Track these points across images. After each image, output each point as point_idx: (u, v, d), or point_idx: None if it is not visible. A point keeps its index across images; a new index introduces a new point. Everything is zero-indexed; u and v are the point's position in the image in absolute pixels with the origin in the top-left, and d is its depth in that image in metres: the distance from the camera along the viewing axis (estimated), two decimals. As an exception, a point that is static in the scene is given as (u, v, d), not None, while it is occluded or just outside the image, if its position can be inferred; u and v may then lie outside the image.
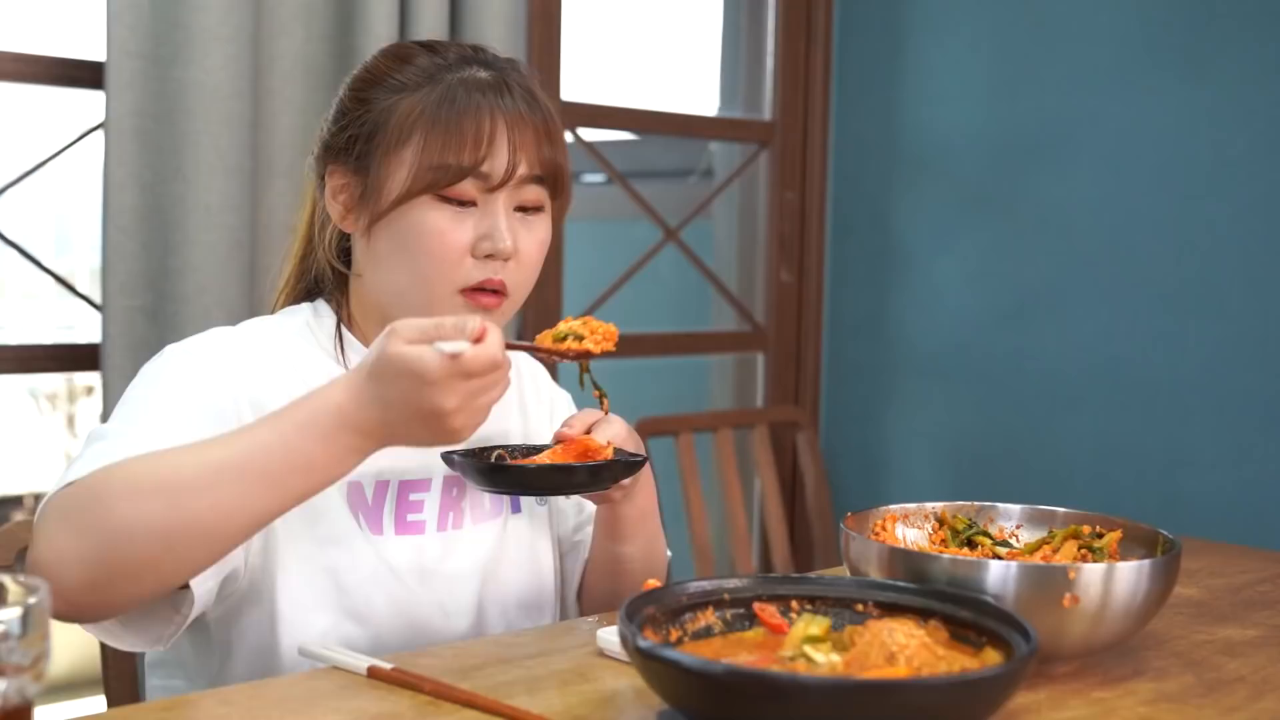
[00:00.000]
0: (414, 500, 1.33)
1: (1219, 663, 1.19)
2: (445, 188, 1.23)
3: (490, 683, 1.08)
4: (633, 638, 0.90)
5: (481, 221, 1.25)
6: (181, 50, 1.99)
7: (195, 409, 1.18)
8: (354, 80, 1.31)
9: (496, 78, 1.27)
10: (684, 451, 2.58)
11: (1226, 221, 2.40)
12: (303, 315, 1.34)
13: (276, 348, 1.29)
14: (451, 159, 1.22)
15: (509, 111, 1.25)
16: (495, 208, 1.25)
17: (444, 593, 1.33)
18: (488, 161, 1.23)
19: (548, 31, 2.55)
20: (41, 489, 3.35)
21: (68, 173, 2.32)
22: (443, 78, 1.26)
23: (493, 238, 1.24)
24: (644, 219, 2.84)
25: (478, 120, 1.23)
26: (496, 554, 1.38)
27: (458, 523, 1.36)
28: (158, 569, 1.04)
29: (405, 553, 1.30)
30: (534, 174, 1.27)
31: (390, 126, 1.25)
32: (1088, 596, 1.08)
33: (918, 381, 2.90)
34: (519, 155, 1.25)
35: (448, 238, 1.24)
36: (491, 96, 1.25)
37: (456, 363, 1.02)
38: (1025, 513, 1.33)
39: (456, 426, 1.06)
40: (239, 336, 1.28)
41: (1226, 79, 2.39)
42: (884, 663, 0.95)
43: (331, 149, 1.30)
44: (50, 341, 2.14)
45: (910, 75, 2.88)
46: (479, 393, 1.05)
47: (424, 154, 1.23)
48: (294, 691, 1.07)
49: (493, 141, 1.23)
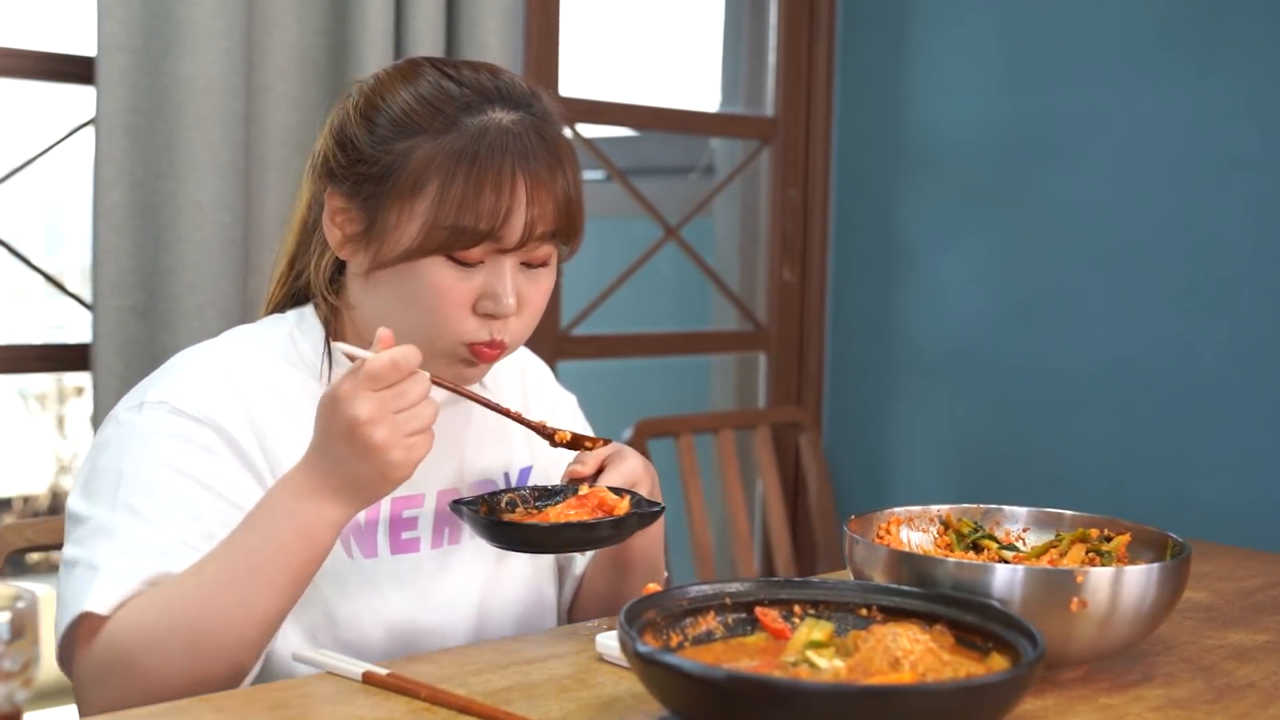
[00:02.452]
0: (408, 517, 1.30)
1: (1229, 668, 1.19)
2: (458, 249, 1.18)
3: (487, 689, 1.08)
4: (632, 643, 0.90)
5: (487, 280, 1.21)
6: (173, 45, 1.98)
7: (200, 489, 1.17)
8: (364, 103, 1.24)
9: (519, 123, 1.20)
10: (685, 453, 2.58)
11: (1237, 219, 2.39)
12: (286, 326, 1.30)
13: (255, 368, 1.25)
14: (468, 221, 1.17)
15: (530, 172, 1.18)
16: (502, 268, 1.21)
17: (441, 614, 1.30)
18: (505, 225, 1.18)
19: (546, 25, 2.54)
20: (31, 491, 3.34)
21: (57, 169, 2.33)
22: (463, 124, 1.19)
23: (496, 298, 1.20)
24: (644, 216, 2.84)
25: (498, 183, 1.17)
26: (496, 568, 1.36)
27: (454, 538, 1.33)
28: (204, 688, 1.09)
29: (401, 573, 1.28)
30: (548, 231, 1.21)
31: (405, 173, 1.19)
32: (1095, 601, 1.07)
33: (922, 382, 2.89)
34: (537, 222, 1.19)
35: (452, 295, 1.20)
36: (514, 153, 1.18)
37: (359, 370, 1.06)
38: (1032, 515, 1.32)
39: (379, 440, 1.06)
40: (215, 368, 1.24)
41: (1237, 73, 2.38)
42: (888, 668, 0.94)
43: (335, 175, 1.24)
44: (40, 341, 2.14)
45: (915, 70, 2.88)
46: (392, 402, 1.07)
47: (440, 211, 1.17)
48: (288, 698, 1.06)
49: (512, 208, 1.18)
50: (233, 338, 1.29)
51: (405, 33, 2.18)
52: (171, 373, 1.23)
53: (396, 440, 1.07)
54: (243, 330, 1.31)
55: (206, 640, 1.08)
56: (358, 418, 1.05)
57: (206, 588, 1.09)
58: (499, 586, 1.35)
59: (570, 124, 2.60)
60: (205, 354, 1.26)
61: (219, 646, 1.08)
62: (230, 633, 1.09)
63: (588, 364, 2.75)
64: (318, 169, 1.27)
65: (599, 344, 2.74)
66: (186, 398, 1.20)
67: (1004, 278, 2.73)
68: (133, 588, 1.11)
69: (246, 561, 1.09)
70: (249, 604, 1.09)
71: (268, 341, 1.28)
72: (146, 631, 1.08)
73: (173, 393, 1.20)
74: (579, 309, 2.69)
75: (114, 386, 1.96)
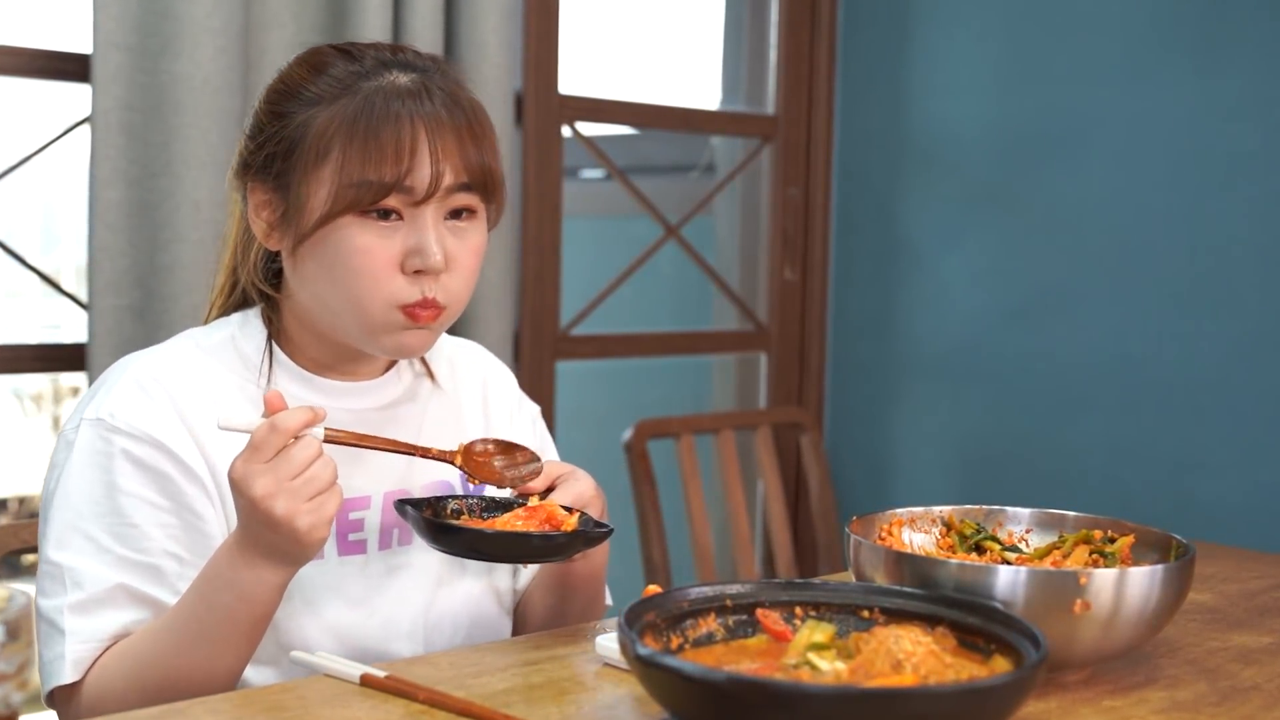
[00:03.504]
0: (354, 519, 1.29)
1: (1233, 670, 1.19)
2: (368, 205, 1.18)
3: (486, 691, 1.07)
4: (633, 645, 0.90)
5: (410, 235, 1.20)
6: (170, 43, 1.98)
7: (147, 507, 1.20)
8: (269, 92, 1.26)
9: (416, 81, 1.21)
10: (685, 454, 2.57)
11: (1242, 218, 2.39)
12: (229, 329, 1.30)
13: (192, 374, 1.26)
14: (372, 175, 1.17)
15: (429, 118, 1.19)
16: (423, 221, 1.20)
17: (387, 618, 1.29)
18: (410, 175, 1.18)
19: (545, 23, 2.53)
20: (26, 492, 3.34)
21: (53, 168, 2.33)
22: (359, 87, 1.20)
23: (422, 253, 1.19)
24: (644, 215, 2.83)
25: (397, 131, 1.18)
26: (449, 566, 1.34)
27: (405, 539, 1.32)
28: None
29: (348, 575, 1.28)
30: (461, 182, 1.21)
31: (308, 143, 1.20)
32: (1099, 603, 1.07)
33: (924, 382, 2.89)
34: (443, 165, 1.19)
35: (375, 255, 1.19)
36: (410, 104, 1.19)
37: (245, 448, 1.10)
38: (1035, 517, 1.32)
39: (281, 513, 1.08)
40: (150, 378, 1.24)
41: (1242, 71, 2.38)
42: (890, 671, 0.94)
43: (250, 165, 1.26)
44: (35, 341, 2.14)
45: (917, 68, 2.88)
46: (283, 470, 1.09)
47: (344, 171, 1.18)
48: (284, 700, 1.06)
49: (414, 153, 1.18)
50: (175, 343, 1.30)
51: (403, 31, 2.18)
52: (109, 385, 1.24)
53: (297, 508, 1.09)
54: (187, 335, 1.31)
55: (175, 694, 1.11)
56: (255, 496, 1.08)
57: (167, 656, 1.14)
58: (450, 592, 1.34)
59: (570, 122, 2.60)
60: (142, 363, 1.26)
61: (193, 696, 1.11)
62: (199, 687, 1.13)
63: (587, 364, 2.75)
64: (236, 170, 1.29)
65: (598, 344, 2.73)
66: (122, 413, 1.21)
67: (1007, 277, 2.73)
68: (96, 649, 1.17)
69: (198, 630, 1.13)
70: (210, 664, 1.14)
71: (208, 345, 1.29)
72: (119, 698, 1.14)
73: (109, 408, 1.21)
74: (578, 309, 2.68)
75: None
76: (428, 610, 1.32)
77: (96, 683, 1.16)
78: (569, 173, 2.75)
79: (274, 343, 1.29)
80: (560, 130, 2.57)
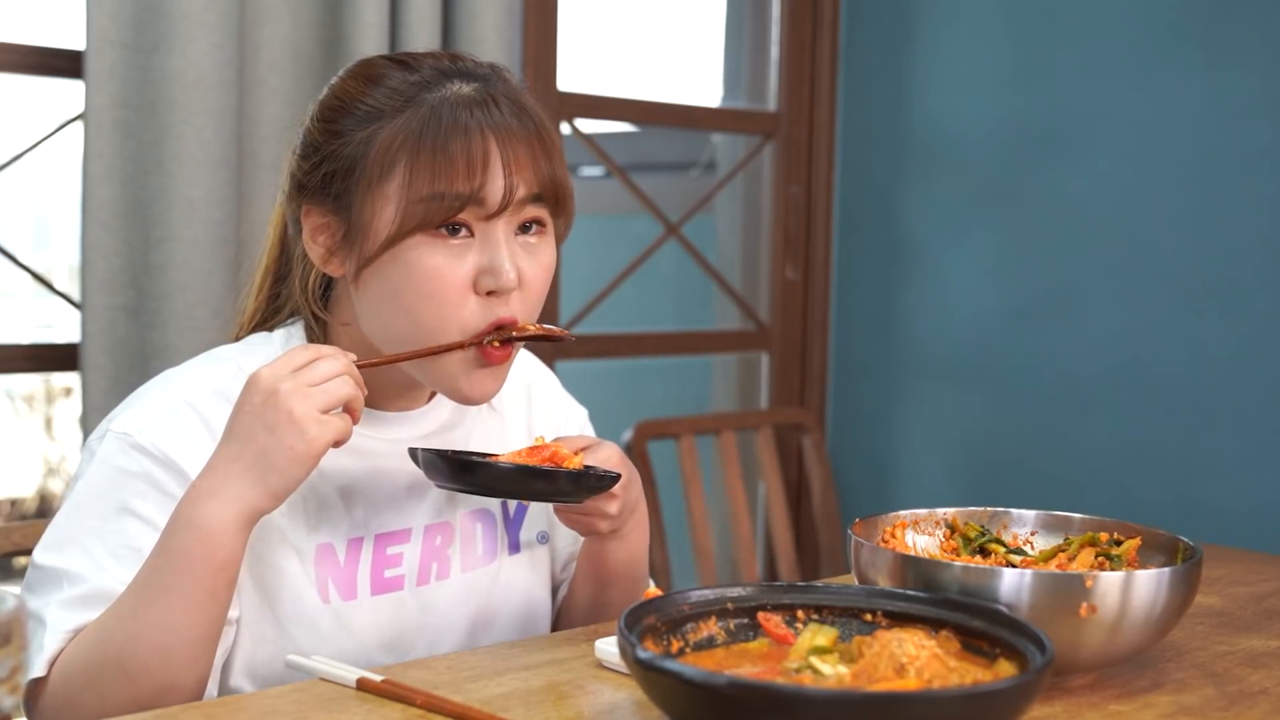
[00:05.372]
0: (391, 554, 1.26)
1: (1241, 674, 1.19)
2: (440, 222, 1.14)
3: (484, 695, 1.07)
4: (632, 649, 0.89)
5: (482, 254, 1.16)
6: (164, 38, 1.97)
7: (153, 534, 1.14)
8: (321, 109, 1.22)
9: (481, 91, 1.17)
10: (686, 455, 2.57)
11: (1250, 216, 2.38)
12: (271, 349, 1.26)
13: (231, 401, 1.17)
14: (443, 188, 1.13)
15: (499, 128, 1.15)
16: (495, 236, 1.16)
17: (421, 654, 1.26)
18: (484, 188, 1.14)
19: (544, 19, 2.53)
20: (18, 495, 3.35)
21: (45, 166, 2.34)
22: (422, 99, 1.16)
23: (495, 271, 1.15)
24: (644, 214, 2.83)
25: (468, 142, 1.14)
26: (487, 605, 1.31)
27: (443, 573, 1.29)
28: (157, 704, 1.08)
29: (381, 614, 1.24)
30: (533, 194, 1.17)
31: (370, 160, 1.16)
32: (1105, 606, 1.07)
33: (928, 382, 2.89)
34: (516, 177, 1.15)
35: (446, 277, 1.15)
36: (479, 114, 1.15)
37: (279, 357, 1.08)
38: (1040, 519, 1.32)
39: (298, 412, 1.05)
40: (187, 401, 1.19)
41: (1251, 66, 2.37)
42: (893, 675, 0.94)
43: (306, 188, 1.21)
44: (27, 341, 2.13)
45: (920, 64, 2.87)
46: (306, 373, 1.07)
47: (411, 187, 1.14)
48: (279, 705, 1.05)
49: (486, 165, 1.14)
50: (216, 366, 1.24)
51: (400, 26, 2.17)
52: (144, 401, 1.20)
53: (311, 412, 1.06)
54: (227, 353, 1.26)
55: (135, 666, 1.07)
56: (277, 390, 1.05)
57: (126, 617, 1.08)
58: (489, 623, 1.31)
59: (569, 119, 2.60)
60: (181, 383, 1.22)
61: (146, 670, 1.06)
62: (156, 655, 1.07)
63: (587, 364, 2.75)
64: (289, 191, 1.24)
65: (598, 343, 2.73)
66: (149, 432, 1.16)
67: (1011, 276, 2.73)
68: (64, 639, 1.11)
69: (157, 583, 1.07)
70: (168, 623, 1.07)
71: (250, 368, 1.23)
72: (82, 672, 1.09)
73: (138, 425, 1.17)
74: (578, 308, 2.68)
75: (103, 387, 1.96)
76: (465, 647, 1.29)
77: (62, 663, 1.11)
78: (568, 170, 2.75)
79: None
80: (559, 127, 2.57)
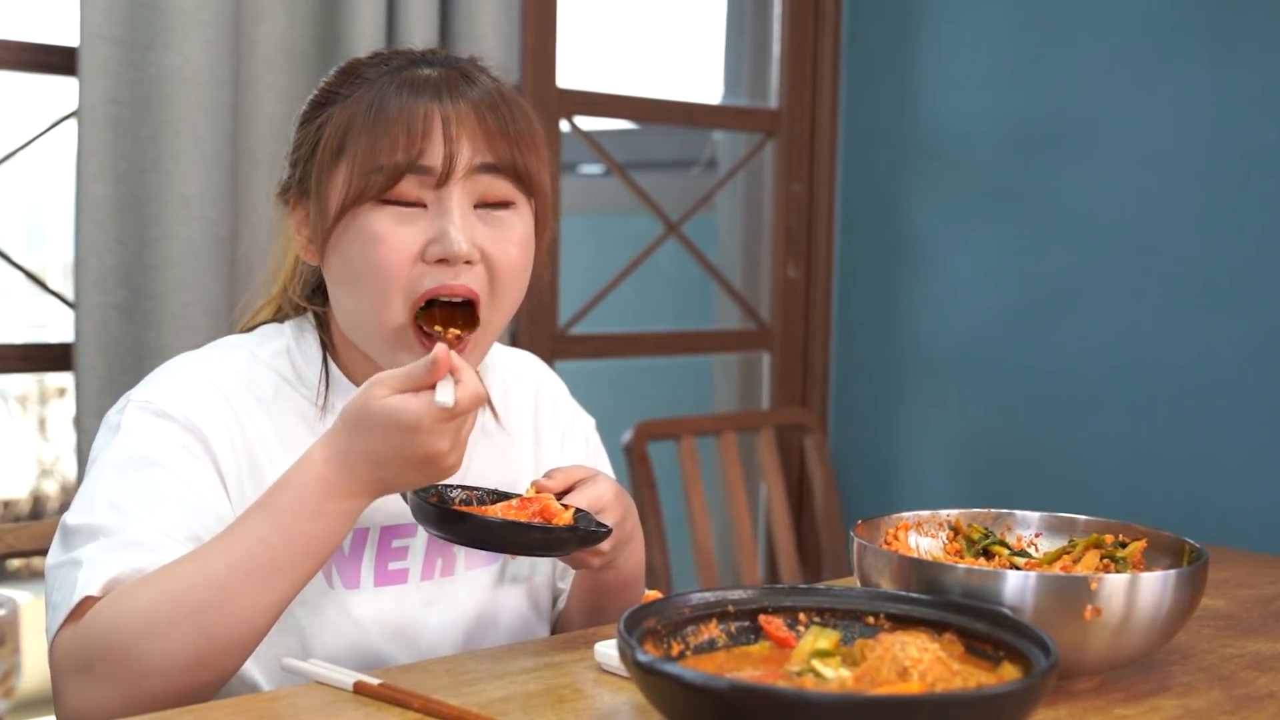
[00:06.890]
0: (397, 547, 1.25)
1: (1248, 678, 1.19)
2: (384, 191, 1.14)
3: (483, 699, 1.07)
4: (632, 652, 0.89)
5: (432, 223, 1.15)
6: (159, 35, 1.97)
7: (183, 488, 1.14)
8: (305, 106, 1.24)
9: (445, 74, 1.18)
10: (686, 456, 2.56)
11: (1256, 214, 2.38)
12: (283, 340, 1.26)
13: (252, 384, 1.21)
14: (384, 159, 1.13)
15: (445, 97, 1.15)
16: (447, 205, 1.15)
17: (425, 648, 1.25)
18: (425, 154, 1.14)
19: (544, 15, 2.52)
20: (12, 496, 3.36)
21: (39, 163, 2.35)
22: (381, 81, 1.17)
23: (443, 239, 1.14)
24: (644, 212, 2.83)
25: (410, 113, 1.14)
26: (491, 602, 1.30)
27: (448, 569, 1.28)
28: (194, 687, 1.06)
29: (384, 607, 1.23)
30: (484, 162, 1.16)
31: (326, 140, 1.17)
32: (1110, 608, 1.07)
33: (931, 382, 2.88)
34: (459, 143, 1.15)
35: (393, 243, 1.14)
36: (429, 91, 1.16)
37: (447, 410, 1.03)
38: (1044, 521, 1.32)
39: (450, 464, 1.07)
40: (207, 376, 1.20)
41: (1257, 63, 2.37)
42: (896, 678, 0.93)
43: (289, 186, 1.24)
44: (21, 341, 2.14)
45: (923, 61, 2.87)
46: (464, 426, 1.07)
47: (359, 160, 1.14)
48: (276, 708, 1.05)
49: (428, 133, 1.14)
50: (230, 348, 1.25)
51: (397, 24, 2.16)
52: (162, 376, 1.21)
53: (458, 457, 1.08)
54: (239, 340, 1.27)
55: (216, 629, 1.04)
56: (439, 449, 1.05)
57: (218, 578, 1.04)
58: (494, 620, 1.30)
59: (568, 116, 2.59)
60: (199, 361, 1.23)
61: (227, 636, 1.04)
62: (244, 623, 1.05)
63: (586, 364, 2.74)
64: (278, 194, 1.26)
65: (598, 343, 2.72)
66: (169, 399, 1.18)
67: (1015, 275, 2.73)
68: (123, 571, 1.07)
69: (266, 557, 1.05)
70: (266, 597, 1.05)
71: (264, 356, 1.25)
72: (144, 617, 1.03)
73: (157, 394, 1.18)
74: (577, 307, 2.67)
75: (97, 387, 1.96)
76: (464, 646, 1.28)
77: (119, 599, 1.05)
78: (567, 168, 2.75)
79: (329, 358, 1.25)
80: (558, 124, 2.56)
